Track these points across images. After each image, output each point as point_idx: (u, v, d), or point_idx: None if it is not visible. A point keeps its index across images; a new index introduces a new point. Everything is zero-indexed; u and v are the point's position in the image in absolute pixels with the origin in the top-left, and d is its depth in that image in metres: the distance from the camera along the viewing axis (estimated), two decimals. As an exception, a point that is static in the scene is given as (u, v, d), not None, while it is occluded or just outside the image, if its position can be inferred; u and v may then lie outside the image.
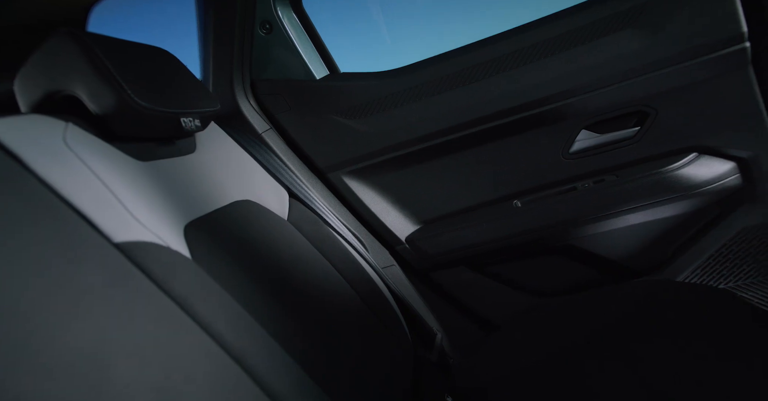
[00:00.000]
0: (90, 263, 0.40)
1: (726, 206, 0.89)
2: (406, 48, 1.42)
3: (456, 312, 1.08)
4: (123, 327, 0.37)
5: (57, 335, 0.32)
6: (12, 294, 0.31)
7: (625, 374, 0.58)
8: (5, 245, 0.34)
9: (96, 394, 0.31)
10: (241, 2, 0.94)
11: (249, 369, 0.44)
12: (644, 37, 0.80)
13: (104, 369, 0.33)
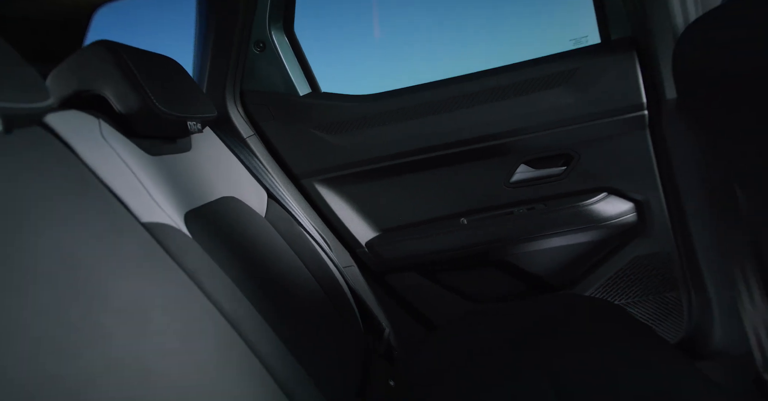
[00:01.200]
0: (126, 237, 0.50)
1: (624, 238, 1.11)
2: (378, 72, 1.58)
3: (403, 312, 1.22)
4: (153, 289, 0.47)
5: (108, 290, 0.42)
6: (70, 256, 0.41)
7: (534, 366, 0.74)
8: (63, 215, 0.44)
9: (138, 338, 0.42)
10: (240, 24, 1.06)
11: (241, 333, 0.55)
12: (573, 95, 1.01)
13: (142, 322, 0.43)
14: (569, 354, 0.75)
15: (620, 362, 0.71)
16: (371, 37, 1.51)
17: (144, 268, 0.48)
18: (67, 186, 0.47)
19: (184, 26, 1.17)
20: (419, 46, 1.52)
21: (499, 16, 1.24)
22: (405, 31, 1.49)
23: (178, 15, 1.20)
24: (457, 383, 0.78)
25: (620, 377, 0.68)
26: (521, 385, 0.71)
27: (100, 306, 0.39)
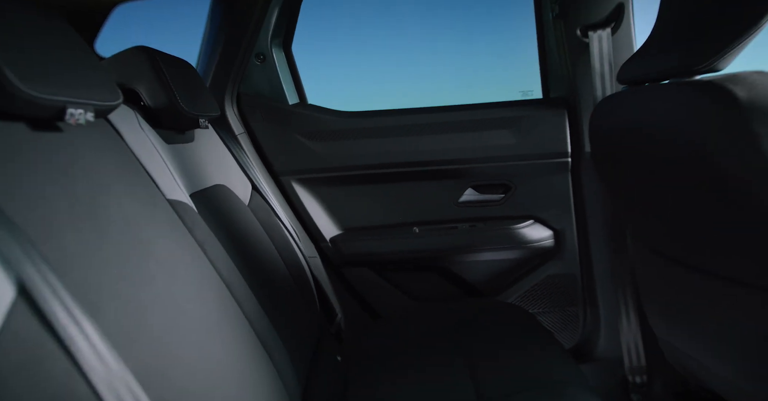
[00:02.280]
0: (158, 208, 0.65)
1: (542, 259, 1.35)
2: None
3: (354, 301, 1.40)
4: (178, 250, 0.63)
5: (152, 246, 0.58)
6: (128, 219, 0.57)
7: (456, 353, 0.94)
8: (120, 187, 0.59)
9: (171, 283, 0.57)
10: (246, 37, 1.21)
11: (233, 293, 0.71)
12: (516, 137, 1.24)
13: (173, 273, 0.59)
14: (484, 346, 0.96)
15: (520, 356, 0.92)
16: (351, 62, 1.71)
17: (170, 234, 0.63)
18: (119, 164, 0.62)
19: (187, 28, 1.31)
20: (393, 74, 1.73)
21: (470, 65, 1.50)
22: (383, 60, 1.70)
23: (182, 18, 1.34)
24: (393, 363, 0.97)
25: (516, 366, 0.89)
26: (443, 366, 0.92)
27: (148, 256, 0.54)
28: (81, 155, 0.54)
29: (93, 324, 0.38)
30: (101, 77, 0.58)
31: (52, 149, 0.50)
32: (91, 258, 0.46)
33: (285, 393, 0.69)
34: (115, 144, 0.64)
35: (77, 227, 0.46)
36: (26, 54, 0.45)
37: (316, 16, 1.38)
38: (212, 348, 0.56)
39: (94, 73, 0.57)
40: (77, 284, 0.41)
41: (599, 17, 1.09)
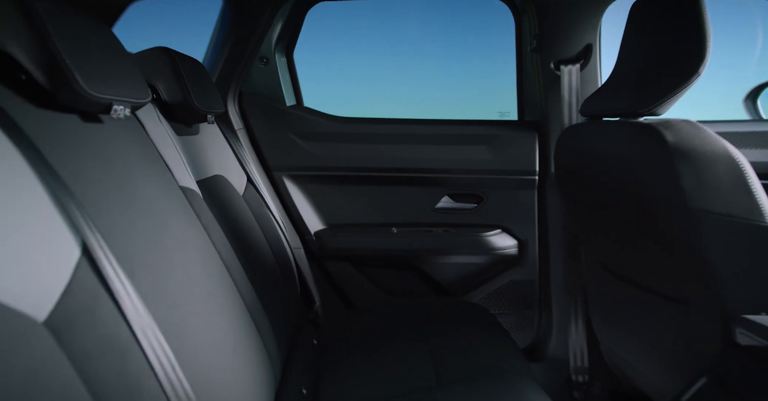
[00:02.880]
0: (173, 193, 0.75)
1: (506, 265, 1.48)
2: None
3: (333, 292, 1.51)
4: (189, 231, 0.73)
5: (170, 226, 0.67)
6: (152, 201, 0.66)
7: (421, 342, 1.06)
8: (144, 172, 0.68)
9: (185, 259, 0.67)
10: (253, 42, 1.31)
11: (230, 273, 0.81)
12: (491, 153, 1.37)
13: (185, 249, 0.69)
14: (447, 338, 1.08)
15: (478, 349, 1.05)
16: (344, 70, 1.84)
17: (182, 217, 0.73)
18: (142, 152, 0.71)
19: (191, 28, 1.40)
20: (381, 83, 1.86)
21: (458, 84, 1.65)
22: (374, 71, 1.83)
23: (187, 18, 1.43)
24: (365, 349, 1.09)
25: (473, 357, 1.01)
26: (409, 353, 1.03)
27: (166, 234, 0.64)
28: (115, 143, 0.64)
29: (130, 284, 0.48)
30: (137, 78, 0.68)
31: (95, 137, 0.60)
32: (128, 232, 0.56)
33: (269, 364, 0.79)
34: (139, 134, 0.74)
35: (118, 205, 0.56)
36: (86, 59, 0.55)
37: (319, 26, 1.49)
38: (214, 316, 0.67)
39: (131, 74, 0.66)
40: (119, 252, 0.51)
41: (570, 54, 1.24)
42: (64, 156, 0.51)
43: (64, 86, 0.52)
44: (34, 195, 0.42)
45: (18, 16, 0.50)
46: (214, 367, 0.60)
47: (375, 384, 0.95)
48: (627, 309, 1.06)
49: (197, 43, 1.35)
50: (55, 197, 0.44)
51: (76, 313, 0.42)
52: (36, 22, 0.50)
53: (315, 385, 0.98)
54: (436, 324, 1.16)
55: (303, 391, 0.90)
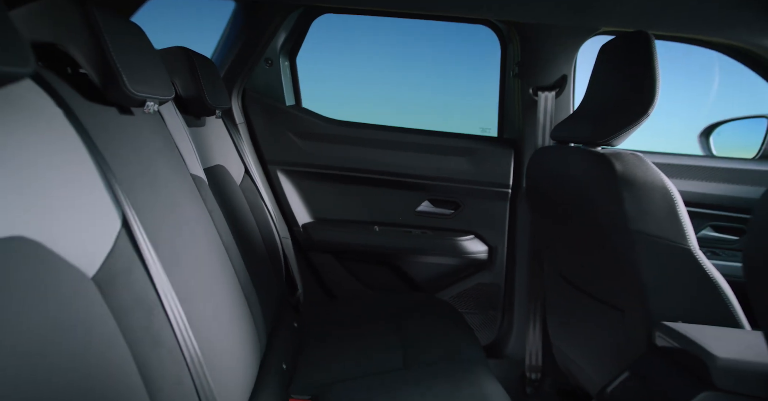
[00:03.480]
0: (185, 179, 0.85)
1: (476, 268, 1.61)
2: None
3: (314, 281, 1.62)
4: (198, 213, 0.83)
5: (183, 208, 0.77)
6: (172, 185, 0.76)
7: (394, 330, 1.18)
8: (165, 160, 0.78)
9: (194, 237, 0.77)
10: (261, 44, 1.42)
11: (228, 253, 0.91)
12: (470, 165, 1.50)
13: (193, 229, 0.79)
14: (416, 329, 1.20)
15: (443, 340, 1.16)
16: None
17: (192, 201, 0.83)
18: (162, 140, 0.81)
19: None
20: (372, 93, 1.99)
21: (447, 99, 1.79)
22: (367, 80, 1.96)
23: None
24: (341, 333, 1.20)
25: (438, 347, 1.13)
26: (381, 339, 1.15)
27: (180, 215, 0.74)
28: (142, 132, 0.74)
29: (156, 254, 0.59)
30: (165, 77, 0.78)
31: (128, 126, 0.70)
32: (153, 210, 0.66)
33: (256, 337, 0.90)
34: (160, 125, 0.84)
35: (145, 186, 0.66)
36: (130, 61, 0.65)
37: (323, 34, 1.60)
38: (215, 289, 0.77)
39: (161, 73, 0.76)
40: (147, 226, 0.61)
41: (548, 82, 1.37)
42: (107, 142, 0.61)
43: (113, 85, 0.62)
44: (88, 173, 0.53)
45: (79, 20, 0.60)
46: (214, 333, 0.71)
47: (348, 364, 1.07)
48: (577, 315, 1.20)
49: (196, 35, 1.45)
50: (103, 176, 0.54)
51: (116, 273, 0.52)
52: (95, 28, 0.60)
53: (293, 362, 1.09)
54: (408, 316, 1.28)
55: (283, 366, 1.01)
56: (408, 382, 0.97)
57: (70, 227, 0.47)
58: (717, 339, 0.81)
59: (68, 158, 0.50)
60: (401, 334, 1.19)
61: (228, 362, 0.74)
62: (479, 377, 1.00)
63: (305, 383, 1.01)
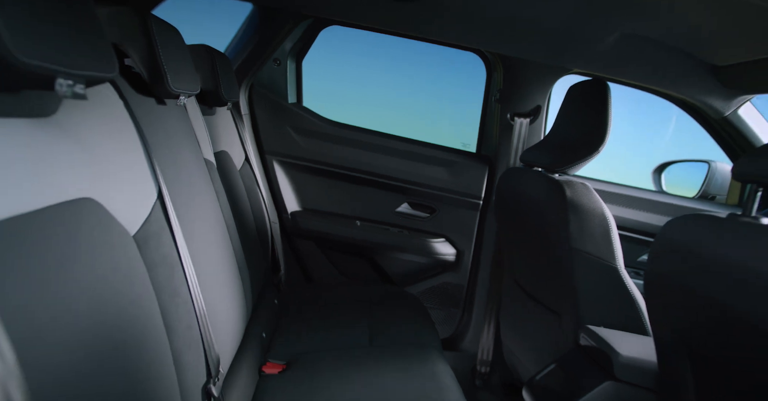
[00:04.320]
0: (199, 163, 0.98)
1: (444, 268, 1.78)
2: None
3: (297, 265, 1.76)
4: (209, 192, 0.96)
5: (198, 186, 0.91)
6: (191, 166, 0.91)
7: (361, 316, 1.33)
8: (182, 144, 0.92)
9: (206, 213, 0.91)
10: (273, 45, 1.55)
11: (228, 230, 1.05)
12: (445, 174, 1.66)
13: (204, 206, 0.93)
14: (384, 316, 1.36)
15: (406, 327, 1.32)
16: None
17: (204, 182, 0.97)
18: (183, 127, 0.95)
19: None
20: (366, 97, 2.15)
21: (436, 114, 1.97)
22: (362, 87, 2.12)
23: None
24: (316, 313, 1.35)
25: (400, 332, 1.29)
26: (352, 321, 1.31)
27: (196, 193, 0.88)
28: (171, 120, 0.88)
29: (178, 223, 0.73)
30: (195, 75, 0.91)
31: (161, 115, 0.83)
32: (177, 186, 0.80)
33: (245, 304, 1.05)
34: (184, 115, 0.97)
35: (172, 165, 0.80)
36: (173, 62, 0.79)
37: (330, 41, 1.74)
38: (217, 258, 0.91)
39: (192, 71, 0.90)
40: (174, 199, 0.75)
41: (523, 110, 1.55)
42: (148, 127, 0.75)
43: (159, 82, 0.76)
44: (136, 153, 0.67)
45: (140, 28, 0.73)
46: (215, 293, 0.85)
47: (319, 338, 1.22)
48: (524, 316, 1.37)
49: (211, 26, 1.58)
50: (147, 156, 0.68)
51: (150, 235, 0.66)
52: (151, 36, 0.74)
53: (272, 333, 1.24)
54: (378, 304, 1.44)
55: (263, 335, 1.15)
56: (371, 357, 1.13)
57: (121, 194, 0.61)
58: (624, 341, 0.99)
59: (124, 139, 0.65)
60: (370, 318, 1.34)
61: (223, 319, 0.88)
62: (433, 359, 1.16)
63: (281, 351, 1.16)
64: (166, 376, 0.61)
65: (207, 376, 0.73)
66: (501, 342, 1.59)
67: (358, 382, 1.00)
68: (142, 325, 0.59)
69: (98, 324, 0.50)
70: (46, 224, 0.46)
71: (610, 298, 1.09)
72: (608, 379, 0.96)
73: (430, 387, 1.02)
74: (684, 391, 0.77)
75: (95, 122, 0.59)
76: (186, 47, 0.90)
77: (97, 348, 0.48)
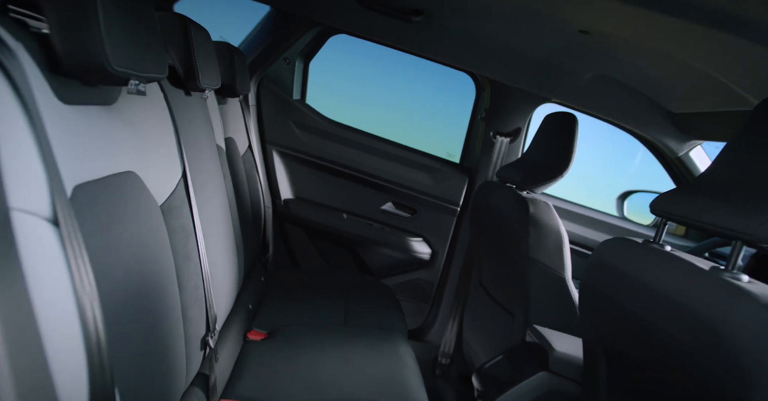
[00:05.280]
0: (212, 150, 1.12)
1: (419, 266, 1.94)
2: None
3: (284, 249, 1.90)
4: (216, 179, 1.10)
5: (211, 172, 1.05)
6: (205, 153, 1.04)
7: (339, 299, 1.48)
8: (200, 130, 1.06)
9: (214, 193, 1.05)
10: (284, 45, 1.69)
11: (230, 207, 1.19)
12: (432, 181, 1.82)
13: (214, 185, 1.07)
14: (359, 301, 1.50)
15: (378, 313, 1.47)
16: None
17: (215, 166, 1.10)
18: (202, 116, 1.08)
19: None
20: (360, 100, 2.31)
21: (428, 123, 2.13)
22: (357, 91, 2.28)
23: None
24: (298, 293, 1.49)
25: (373, 316, 1.44)
26: (330, 302, 1.45)
27: (209, 175, 1.02)
28: (195, 109, 1.01)
29: (195, 199, 0.87)
30: (218, 71, 1.05)
31: (187, 105, 0.97)
32: (197, 167, 0.93)
33: (238, 275, 1.18)
34: (204, 105, 1.11)
35: (193, 148, 0.94)
36: (204, 63, 0.92)
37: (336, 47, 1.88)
38: (221, 232, 1.05)
39: (216, 68, 1.03)
40: (194, 178, 0.89)
41: (505, 130, 1.71)
42: (178, 115, 0.88)
43: (192, 79, 0.89)
44: (170, 136, 0.80)
45: (180, 33, 0.87)
46: (217, 261, 0.99)
47: (300, 315, 1.36)
48: (485, 315, 1.53)
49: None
50: (177, 139, 0.82)
51: (173, 207, 0.80)
52: (189, 41, 0.87)
53: (257, 305, 1.38)
54: (355, 291, 1.59)
55: (249, 306, 1.29)
56: (344, 335, 1.28)
57: (155, 170, 0.74)
58: (560, 340, 1.16)
59: (161, 125, 0.78)
60: (346, 303, 1.49)
61: (221, 285, 1.02)
62: (398, 343, 1.31)
63: (265, 322, 1.30)
64: (175, 325, 0.75)
65: (206, 330, 0.87)
66: (463, 337, 1.75)
67: (331, 355, 1.15)
68: (162, 280, 0.72)
69: (134, 272, 0.63)
70: (105, 189, 0.59)
71: (556, 303, 1.26)
72: (543, 370, 1.13)
73: (394, 365, 1.17)
74: (599, 381, 0.94)
75: (142, 110, 0.73)
76: (213, 47, 1.03)
77: (133, 290, 0.62)
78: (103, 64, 0.52)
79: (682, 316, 0.65)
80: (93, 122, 0.59)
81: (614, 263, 0.83)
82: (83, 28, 0.50)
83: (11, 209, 0.39)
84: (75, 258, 0.45)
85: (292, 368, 1.06)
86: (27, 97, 0.44)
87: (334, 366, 1.11)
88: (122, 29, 0.55)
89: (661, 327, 0.69)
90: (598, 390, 0.94)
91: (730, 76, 0.95)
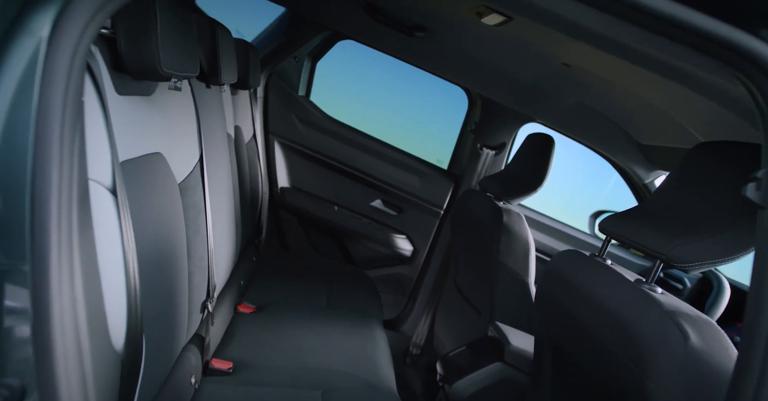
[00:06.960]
0: (224, 138, 1.24)
1: (400, 261, 2.07)
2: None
3: (276, 234, 2.02)
4: (226, 165, 1.22)
5: (224, 159, 1.17)
6: (218, 139, 1.16)
7: (324, 282, 1.61)
8: (217, 120, 1.18)
9: (223, 178, 1.17)
10: (294, 45, 1.81)
11: (233, 189, 1.30)
12: (419, 183, 1.95)
13: (224, 176, 1.19)
14: (342, 288, 1.63)
15: (359, 300, 1.60)
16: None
17: (226, 153, 1.22)
18: (218, 106, 1.19)
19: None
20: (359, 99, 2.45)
21: (422, 130, 2.28)
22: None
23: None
24: (286, 276, 1.62)
25: (353, 302, 1.57)
26: (314, 284, 1.58)
27: (219, 160, 1.14)
28: (213, 101, 1.13)
29: (208, 181, 0.99)
30: (236, 69, 1.17)
31: (207, 97, 1.09)
32: (211, 152, 1.05)
33: (234, 252, 1.31)
34: (219, 96, 1.22)
35: (209, 136, 1.06)
36: (225, 62, 1.04)
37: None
38: (225, 212, 1.17)
39: (235, 66, 1.15)
40: (208, 163, 1.01)
41: (492, 144, 1.85)
42: (200, 105, 1.00)
43: (215, 75, 1.01)
44: (192, 123, 0.92)
45: (209, 36, 0.99)
46: (219, 238, 1.11)
47: (286, 294, 1.49)
48: (456, 312, 1.67)
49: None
50: (198, 127, 0.94)
51: (189, 186, 0.92)
52: (215, 43, 0.99)
53: (248, 282, 1.50)
54: (339, 278, 1.71)
55: (241, 282, 1.42)
56: (325, 315, 1.41)
57: (177, 152, 0.86)
58: (517, 336, 1.30)
59: (186, 114, 0.90)
60: (330, 288, 1.62)
61: (220, 259, 1.14)
62: (374, 327, 1.45)
63: (254, 297, 1.43)
64: (182, 288, 0.87)
65: (206, 295, 0.99)
66: (434, 331, 1.89)
67: (312, 330, 1.28)
68: (175, 248, 0.85)
69: (155, 239, 0.76)
70: (140, 167, 0.71)
71: (517, 304, 1.40)
72: (499, 361, 1.27)
73: (368, 345, 1.30)
74: (545, 373, 1.08)
75: (173, 101, 0.85)
76: (234, 47, 1.15)
77: (154, 254, 0.75)
78: (156, 66, 0.64)
79: (608, 318, 0.79)
80: (136, 110, 0.72)
81: (564, 272, 0.96)
82: (145, 38, 0.62)
83: (90, 180, 0.51)
84: (125, 224, 0.58)
85: (277, 338, 1.19)
86: (102, 88, 0.56)
87: (314, 340, 1.24)
88: (172, 38, 0.67)
89: (593, 327, 0.83)
90: (543, 380, 1.08)
91: (684, 117, 1.10)
